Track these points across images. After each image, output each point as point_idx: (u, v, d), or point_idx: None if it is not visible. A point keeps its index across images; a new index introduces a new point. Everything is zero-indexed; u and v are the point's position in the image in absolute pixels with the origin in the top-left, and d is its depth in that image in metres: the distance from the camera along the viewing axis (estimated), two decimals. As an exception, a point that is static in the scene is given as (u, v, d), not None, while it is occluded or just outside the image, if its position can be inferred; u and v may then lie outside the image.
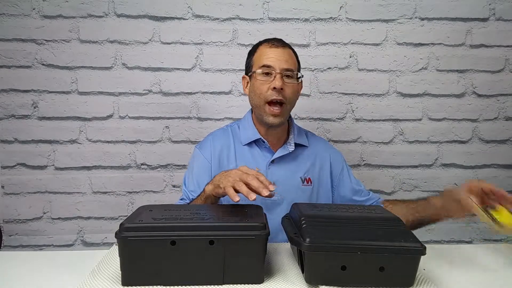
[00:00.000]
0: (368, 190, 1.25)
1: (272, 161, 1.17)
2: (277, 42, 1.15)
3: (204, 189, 0.99)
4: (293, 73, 1.12)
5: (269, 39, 1.18)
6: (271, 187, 0.82)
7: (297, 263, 0.80)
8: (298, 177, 1.18)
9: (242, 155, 1.17)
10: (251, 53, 1.20)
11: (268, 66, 1.11)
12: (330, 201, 1.21)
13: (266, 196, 0.81)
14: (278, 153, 1.17)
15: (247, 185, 0.83)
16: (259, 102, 1.12)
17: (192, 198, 1.09)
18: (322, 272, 0.69)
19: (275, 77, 1.09)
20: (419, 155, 1.69)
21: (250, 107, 1.22)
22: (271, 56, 1.11)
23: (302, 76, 1.17)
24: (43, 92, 1.58)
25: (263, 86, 1.11)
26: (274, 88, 1.08)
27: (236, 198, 0.82)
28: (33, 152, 1.60)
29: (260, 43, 1.18)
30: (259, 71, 1.12)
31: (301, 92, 1.18)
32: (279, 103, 1.10)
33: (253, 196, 0.80)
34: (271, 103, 1.10)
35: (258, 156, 1.17)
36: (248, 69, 1.19)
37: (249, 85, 1.18)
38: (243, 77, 1.22)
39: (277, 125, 1.13)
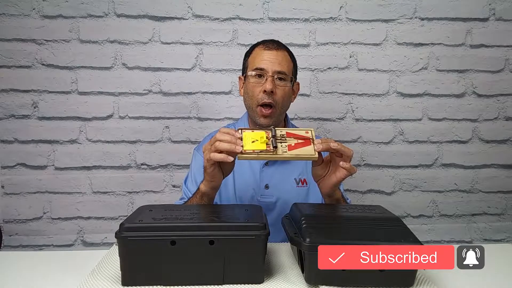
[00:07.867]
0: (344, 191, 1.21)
1: (266, 163, 1.17)
2: (272, 44, 1.15)
3: (199, 187, 0.98)
4: (286, 76, 1.12)
5: (265, 40, 1.18)
6: (239, 142, 0.85)
7: (297, 263, 0.80)
8: (292, 179, 1.18)
9: None
10: (247, 54, 1.20)
11: (261, 69, 1.11)
12: None
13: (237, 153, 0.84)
14: None
15: (221, 151, 0.85)
16: (251, 104, 1.14)
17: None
18: (322, 272, 0.69)
19: (266, 79, 1.10)
20: (419, 155, 1.69)
21: None
22: (265, 59, 1.12)
23: (295, 80, 1.17)
24: (43, 92, 1.58)
25: (255, 88, 1.12)
26: (265, 91, 1.09)
27: (230, 158, 0.85)
28: (33, 152, 1.60)
29: (256, 45, 1.19)
30: (252, 73, 1.13)
31: (301, 92, 1.18)
32: (269, 105, 1.11)
33: (231, 158, 0.85)
34: (262, 105, 1.11)
35: None
36: (244, 70, 1.20)
37: (244, 86, 1.19)
38: (240, 78, 1.23)
39: (267, 126, 1.13)
